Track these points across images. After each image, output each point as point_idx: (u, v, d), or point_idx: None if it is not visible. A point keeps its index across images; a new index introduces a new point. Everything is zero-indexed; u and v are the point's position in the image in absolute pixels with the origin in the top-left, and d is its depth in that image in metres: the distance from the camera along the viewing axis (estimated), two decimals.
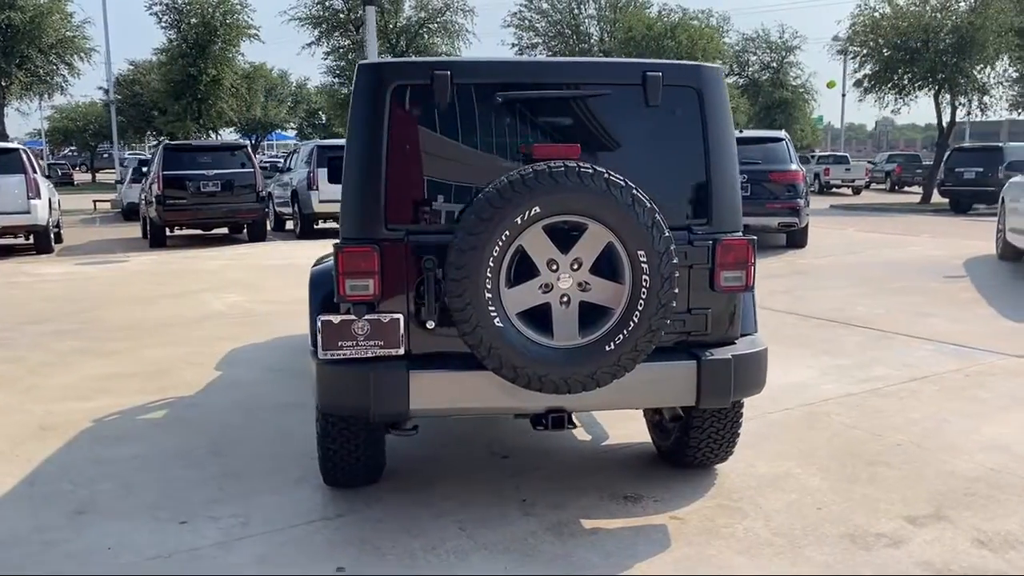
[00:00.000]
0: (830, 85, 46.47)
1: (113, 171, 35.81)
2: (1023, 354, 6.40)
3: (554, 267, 3.16)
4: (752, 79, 46.97)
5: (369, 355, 3.35)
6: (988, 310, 8.25)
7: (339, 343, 3.34)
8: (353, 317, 3.33)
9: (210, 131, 32.72)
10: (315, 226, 17.72)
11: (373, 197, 3.35)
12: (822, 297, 9.05)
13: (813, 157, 38.08)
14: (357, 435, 3.71)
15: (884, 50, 27.42)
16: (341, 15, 34.25)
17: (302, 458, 4.38)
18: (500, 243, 3.07)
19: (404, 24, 34.51)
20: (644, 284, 3.13)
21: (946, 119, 27.18)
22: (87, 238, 17.35)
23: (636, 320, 3.16)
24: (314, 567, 3.27)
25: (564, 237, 3.16)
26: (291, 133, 60.19)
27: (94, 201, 26.24)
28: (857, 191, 34.94)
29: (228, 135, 43.91)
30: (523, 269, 3.17)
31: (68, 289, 10.25)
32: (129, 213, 22.08)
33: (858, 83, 28.24)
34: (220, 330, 7.54)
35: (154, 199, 15.35)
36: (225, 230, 16.84)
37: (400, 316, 3.34)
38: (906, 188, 36.35)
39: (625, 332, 3.16)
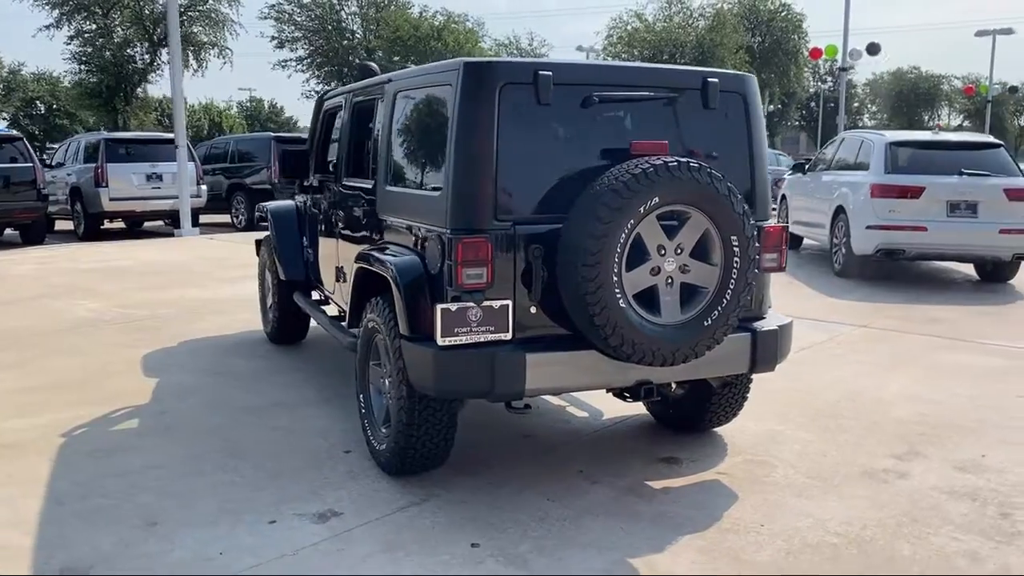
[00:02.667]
0: None
1: None
2: (865, 324, 7.59)
3: (662, 252, 3.51)
4: None
5: (481, 340, 3.50)
6: (809, 291, 9.55)
7: (455, 329, 3.47)
8: (471, 304, 3.47)
9: None
10: (101, 226, 16.40)
11: (484, 190, 3.50)
12: None
13: None
14: (443, 419, 3.82)
15: (639, 61, 29.96)
16: None
17: (331, 453, 4.38)
18: (626, 231, 3.37)
19: (162, 11, 32.35)
20: (735, 265, 3.57)
21: None
22: None
23: (728, 297, 3.59)
24: (447, 547, 3.38)
25: (668, 225, 3.52)
26: (2, 124, 54.16)
27: None
28: None
29: None
30: (634, 254, 3.48)
31: None
32: None
33: None
34: (112, 337, 6.99)
35: None
36: None
37: (508, 302, 3.53)
38: None
39: (720, 308, 3.59)
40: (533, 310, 3.59)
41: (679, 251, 3.55)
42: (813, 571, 3.22)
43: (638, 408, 4.95)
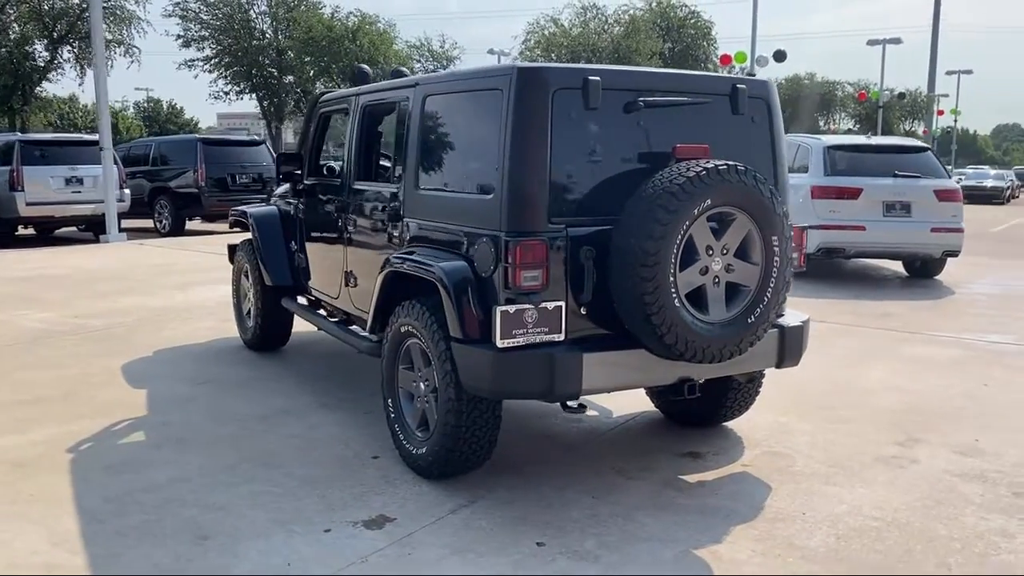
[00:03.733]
0: None
1: None
2: (823, 319, 7.93)
3: (710, 252, 3.64)
4: None
5: (536, 341, 3.56)
6: None
7: (513, 331, 3.51)
8: (528, 306, 3.52)
9: None
10: (15, 232, 15.63)
11: (538, 193, 3.55)
12: None
13: None
14: (490, 420, 3.85)
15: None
16: None
17: (359, 459, 4.35)
18: (682, 232, 3.48)
19: (63, 7, 30.94)
20: (775, 264, 3.73)
21: None
22: None
23: (769, 295, 3.75)
24: (513, 546, 3.42)
25: (713, 226, 3.65)
26: None
27: None
28: None
29: None
30: (686, 255, 3.58)
31: None
32: None
33: None
34: (78, 348, 6.70)
35: None
36: None
37: (561, 303, 3.59)
38: None
39: (761, 306, 3.74)
40: (583, 311, 3.66)
41: (725, 251, 3.67)
42: (864, 553, 3.39)
43: (646, 405, 5.08)
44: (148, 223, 17.42)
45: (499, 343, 3.50)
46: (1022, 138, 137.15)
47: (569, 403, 3.81)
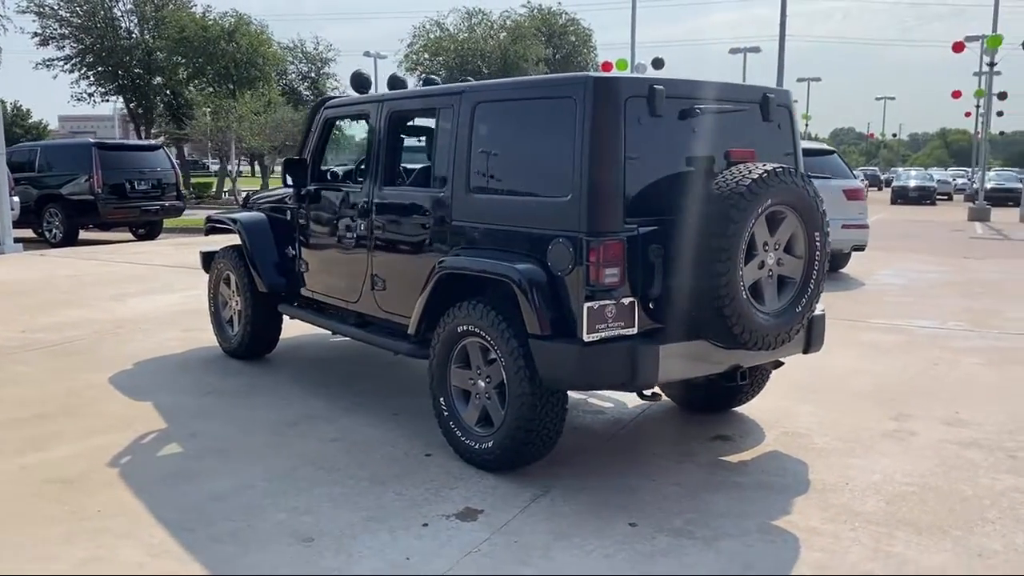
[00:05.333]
0: None
1: None
2: None
3: (766, 248, 3.96)
4: (291, 88, 47.80)
5: (614, 335, 3.78)
6: None
7: (596, 326, 3.73)
8: (611, 302, 3.74)
9: None
10: None
11: (615, 195, 3.78)
12: None
13: None
14: (560, 411, 4.05)
15: (441, 72, 30.54)
16: None
17: (414, 458, 4.44)
18: (748, 230, 3.78)
19: None
20: (816, 258, 4.10)
21: None
22: None
23: (812, 286, 4.12)
24: (609, 529, 3.62)
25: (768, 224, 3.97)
26: None
27: None
28: None
29: None
30: (748, 251, 3.88)
31: None
32: None
33: None
34: (46, 363, 6.39)
35: None
36: None
37: (634, 298, 3.83)
38: None
39: (806, 296, 4.10)
40: (650, 305, 3.91)
41: (777, 247, 4.01)
42: (916, 514, 3.79)
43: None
44: (31, 233, 16.45)
45: (585, 337, 3.70)
46: (857, 140, 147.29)
47: (646, 392, 4.04)
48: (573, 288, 3.80)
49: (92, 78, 38.57)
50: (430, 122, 4.92)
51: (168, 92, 40.05)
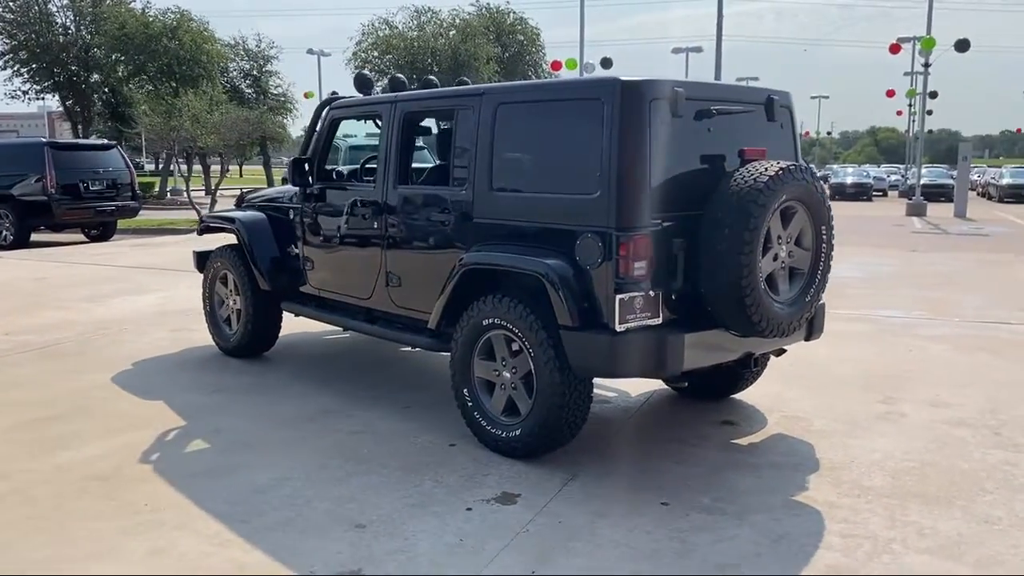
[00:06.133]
0: (308, 95, 48.78)
1: None
2: None
3: (779, 241, 4.21)
4: (233, 86, 46.96)
5: (642, 325, 3.99)
6: None
7: (627, 317, 3.94)
8: (639, 293, 3.95)
9: None
10: None
11: (643, 192, 3.98)
12: None
13: None
14: (587, 398, 4.25)
15: (391, 70, 30.45)
16: None
17: (440, 448, 4.59)
18: (767, 223, 4.03)
19: None
20: (823, 250, 4.37)
21: None
22: None
23: (819, 277, 4.39)
24: (645, 508, 3.83)
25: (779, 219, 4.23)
26: None
27: None
28: None
29: None
30: (765, 244, 4.13)
31: None
32: None
33: None
34: (41, 365, 6.35)
35: None
36: None
37: (660, 290, 4.05)
38: None
39: (814, 287, 4.37)
40: (673, 296, 4.13)
41: (788, 240, 4.26)
42: (921, 487, 4.08)
43: (650, 385, 5.61)
44: None
45: (617, 327, 3.90)
46: None
47: (675, 379, 4.26)
48: (601, 281, 3.99)
49: (26, 75, 37.41)
50: (443, 122, 5.05)
51: (107, 90, 39.06)
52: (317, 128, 5.84)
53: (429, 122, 5.63)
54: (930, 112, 38.74)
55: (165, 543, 3.46)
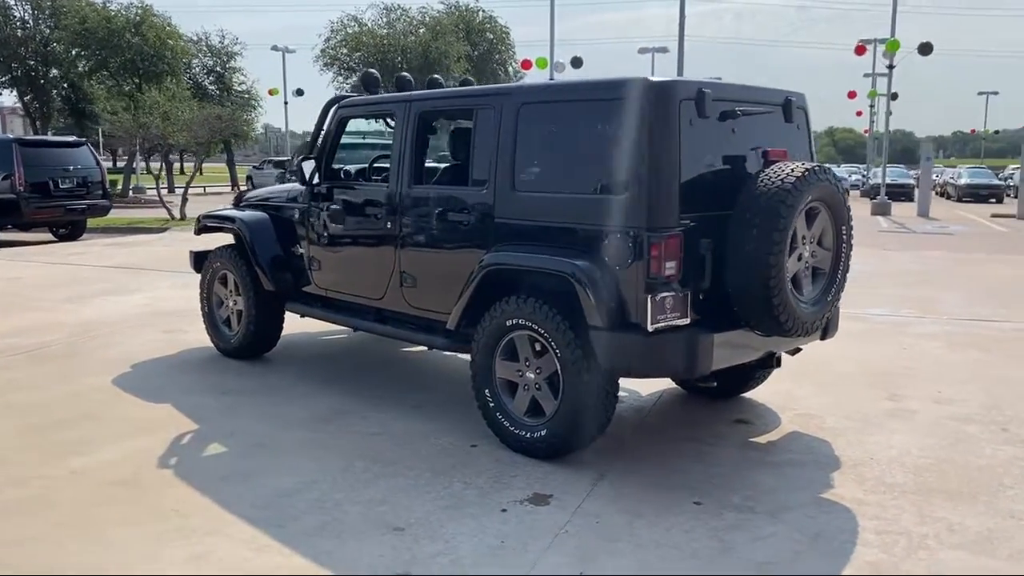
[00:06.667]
0: (273, 92, 48.20)
1: None
2: None
3: (804, 241, 4.25)
4: (196, 82, 46.25)
5: (670, 325, 4.01)
6: None
7: (658, 316, 3.95)
8: (670, 293, 3.96)
9: None
10: None
11: (673, 192, 4.00)
12: None
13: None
14: (615, 395, 4.27)
15: (360, 67, 30.18)
16: None
17: (462, 450, 4.56)
18: (793, 224, 4.06)
19: None
20: (843, 250, 4.43)
21: None
22: None
23: (839, 276, 4.44)
24: (677, 507, 3.85)
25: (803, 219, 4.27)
26: None
27: None
28: None
29: None
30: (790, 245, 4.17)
31: None
32: None
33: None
34: (37, 369, 6.19)
35: None
36: None
37: (688, 290, 4.07)
38: None
39: (835, 286, 4.43)
40: (700, 296, 4.15)
41: (811, 240, 4.31)
42: (943, 483, 4.15)
43: (657, 385, 5.64)
44: None
45: (650, 327, 3.91)
46: None
47: (704, 379, 4.29)
48: (631, 281, 3.99)
49: None
50: (460, 122, 5.02)
51: (66, 86, 38.30)
52: (324, 127, 5.76)
53: (445, 122, 5.59)
54: (889, 113, 39.53)
55: (202, 549, 3.40)
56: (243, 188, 15.53)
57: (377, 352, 6.78)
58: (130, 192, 32.95)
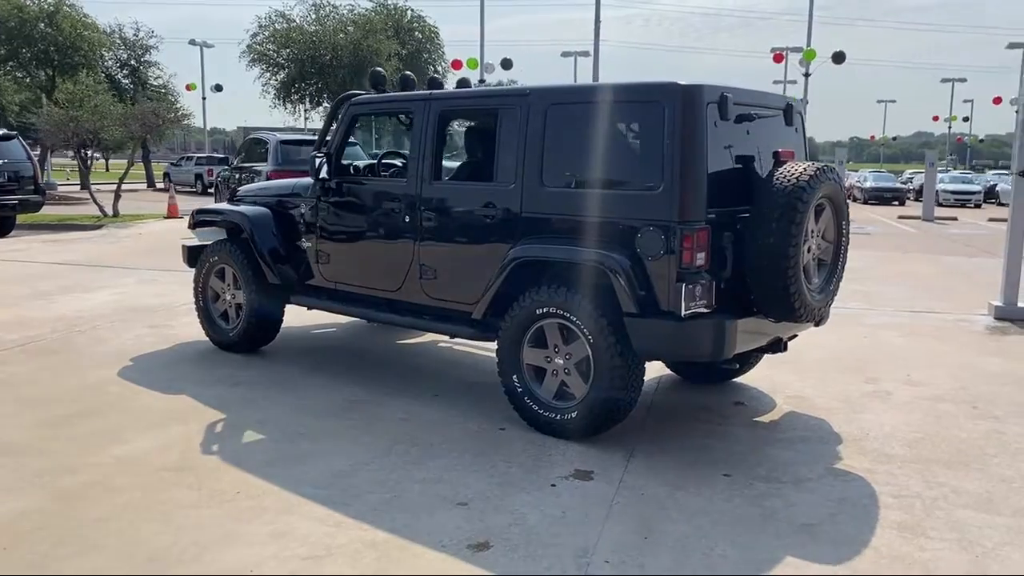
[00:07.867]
0: (191, 87, 47.06)
1: None
2: None
3: (812, 235, 4.63)
4: (109, 76, 44.72)
5: (698, 312, 4.33)
6: None
7: (689, 304, 4.26)
8: (700, 282, 4.28)
9: None
10: None
11: (701, 187, 4.31)
12: None
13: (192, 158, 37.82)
14: (642, 378, 4.57)
15: (289, 64, 29.81)
16: None
17: (492, 434, 4.79)
18: (808, 219, 4.44)
19: None
20: (843, 243, 4.83)
21: None
22: None
23: (840, 267, 4.85)
24: (710, 481, 4.16)
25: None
26: None
27: None
28: None
29: None
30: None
31: None
32: None
33: (277, 91, 30.20)
34: (36, 362, 6.11)
35: None
36: None
37: (713, 279, 4.40)
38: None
39: (836, 276, 4.83)
40: (721, 284, 4.48)
41: (818, 234, 4.69)
42: (937, 454, 4.59)
43: (662, 369, 5.97)
44: None
45: (683, 313, 4.22)
46: None
47: (727, 362, 4.62)
48: (663, 270, 4.29)
49: None
50: (482, 121, 5.22)
51: None
52: (335, 123, 5.89)
53: (465, 120, 5.78)
54: None
55: (282, 526, 3.54)
56: (214, 180, 15.31)
57: (370, 346, 6.92)
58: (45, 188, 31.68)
